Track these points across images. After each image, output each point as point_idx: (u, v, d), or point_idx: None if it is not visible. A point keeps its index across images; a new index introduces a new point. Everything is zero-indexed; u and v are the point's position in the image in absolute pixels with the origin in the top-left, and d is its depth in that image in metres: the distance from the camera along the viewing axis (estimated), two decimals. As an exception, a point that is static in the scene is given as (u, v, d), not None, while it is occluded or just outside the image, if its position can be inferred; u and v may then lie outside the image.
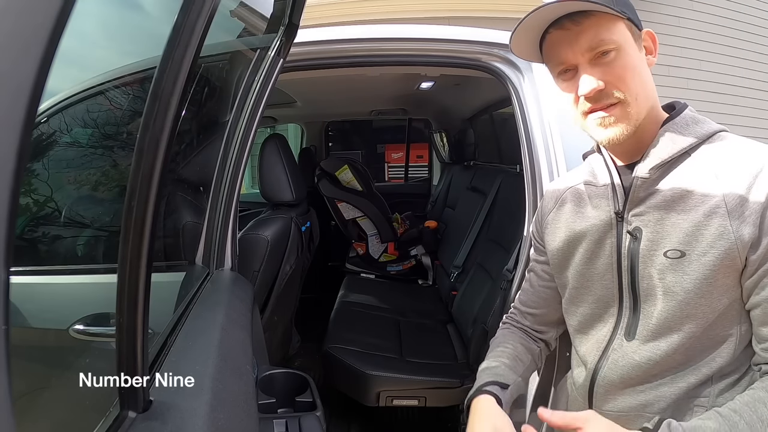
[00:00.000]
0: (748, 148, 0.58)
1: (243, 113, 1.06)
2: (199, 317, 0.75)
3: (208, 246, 1.04)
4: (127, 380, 0.44)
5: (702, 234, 0.56)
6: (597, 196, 0.68)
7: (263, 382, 0.89)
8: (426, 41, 1.24)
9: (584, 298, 0.70)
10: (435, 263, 2.63)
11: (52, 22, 0.22)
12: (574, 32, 0.58)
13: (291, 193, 1.54)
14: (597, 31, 0.57)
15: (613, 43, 0.57)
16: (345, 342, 1.66)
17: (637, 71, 0.59)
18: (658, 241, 0.60)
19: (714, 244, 0.56)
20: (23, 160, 0.21)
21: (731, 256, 0.55)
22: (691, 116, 0.62)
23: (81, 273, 0.99)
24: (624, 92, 0.58)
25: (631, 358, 0.63)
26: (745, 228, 0.54)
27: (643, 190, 0.62)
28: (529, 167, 1.14)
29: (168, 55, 0.41)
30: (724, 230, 0.55)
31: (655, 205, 0.61)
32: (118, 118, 1.02)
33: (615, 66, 0.58)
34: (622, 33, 0.58)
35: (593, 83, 0.58)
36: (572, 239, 0.70)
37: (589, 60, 0.59)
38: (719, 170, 0.57)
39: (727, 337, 0.59)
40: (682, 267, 0.58)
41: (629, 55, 0.58)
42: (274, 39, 1.02)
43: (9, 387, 0.23)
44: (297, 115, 3.11)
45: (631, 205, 0.63)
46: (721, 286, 0.57)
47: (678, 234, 0.58)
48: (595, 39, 0.57)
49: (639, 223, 0.62)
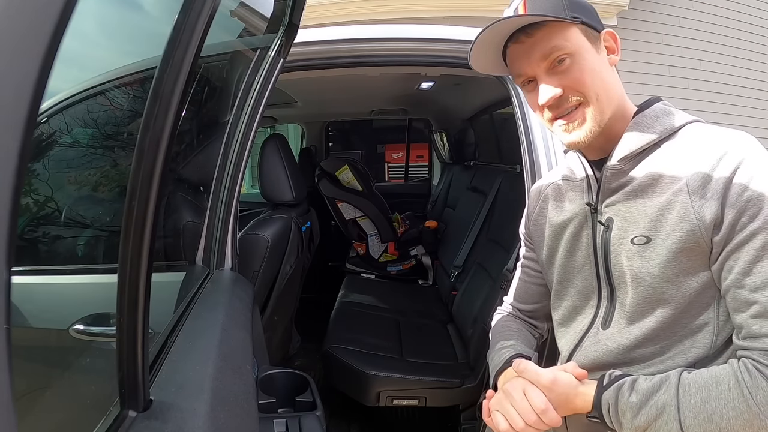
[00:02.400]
0: (716, 135, 0.57)
1: (243, 113, 1.06)
2: (200, 317, 0.75)
3: (209, 246, 1.04)
4: (127, 380, 0.44)
5: (666, 218, 0.56)
6: (573, 189, 0.70)
7: (263, 382, 0.89)
8: (426, 41, 1.24)
9: (567, 291, 0.71)
10: (435, 263, 2.63)
11: (53, 21, 0.22)
12: (528, 44, 0.60)
13: (291, 193, 1.54)
14: (549, 40, 0.59)
15: (566, 49, 0.59)
16: (345, 342, 1.66)
17: (596, 72, 0.60)
18: (626, 228, 0.61)
19: (676, 227, 0.55)
20: (24, 160, 0.21)
21: (694, 237, 0.54)
22: (661, 108, 0.62)
23: (81, 273, 0.99)
24: (584, 95, 0.59)
25: (604, 344, 0.64)
26: (707, 208, 0.53)
27: (613, 181, 0.63)
28: (529, 167, 1.14)
29: (168, 55, 0.41)
30: (686, 211, 0.55)
31: (624, 195, 0.61)
32: (119, 118, 1.03)
33: (572, 71, 0.59)
34: (575, 38, 0.59)
35: (550, 92, 0.59)
36: (554, 235, 0.72)
37: (546, 70, 0.60)
38: (686, 157, 0.57)
39: (703, 326, 0.58)
40: (648, 252, 0.58)
41: (585, 59, 0.59)
42: (274, 39, 1.02)
43: (10, 386, 0.23)
44: (297, 115, 3.11)
45: (603, 197, 0.64)
46: (686, 269, 0.56)
47: (644, 220, 0.59)
48: (547, 48, 0.59)
49: (611, 213, 0.63)
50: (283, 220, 1.50)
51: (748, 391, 0.50)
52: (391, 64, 1.30)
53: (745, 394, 0.50)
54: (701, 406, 0.52)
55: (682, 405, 0.53)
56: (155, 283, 0.45)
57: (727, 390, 0.51)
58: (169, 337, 0.65)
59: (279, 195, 1.55)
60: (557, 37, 0.59)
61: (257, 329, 1.07)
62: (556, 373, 0.62)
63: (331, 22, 3.28)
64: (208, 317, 0.75)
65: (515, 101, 1.19)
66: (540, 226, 0.76)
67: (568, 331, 0.72)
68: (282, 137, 1.66)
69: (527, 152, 1.15)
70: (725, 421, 0.50)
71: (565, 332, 0.73)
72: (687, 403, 0.53)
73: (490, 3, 3.65)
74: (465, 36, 1.22)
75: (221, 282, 1.00)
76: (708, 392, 0.52)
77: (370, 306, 2.12)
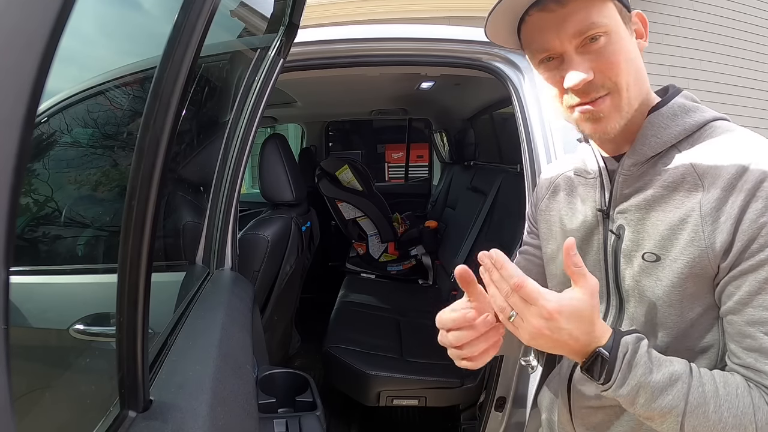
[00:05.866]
0: (738, 144, 0.52)
1: (243, 113, 1.06)
2: (200, 317, 0.75)
3: (209, 246, 1.04)
4: (127, 380, 0.44)
5: (677, 238, 0.52)
6: (585, 186, 0.65)
7: (263, 382, 0.89)
8: (426, 41, 1.24)
9: None
10: (435, 263, 2.63)
11: (52, 21, 0.22)
12: (559, 15, 0.52)
13: (291, 193, 1.54)
14: (586, 13, 0.51)
15: (603, 26, 0.51)
16: (345, 342, 1.66)
17: (630, 57, 0.53)
18: (639, 242, 0.56)
19: (684, 250, 0.51)
20: (24, 160, 0.21)
21: (702, 264, 0.50)
22: (680, 105, 0.56)
23: (81, 273, 0.99)
24: (615, 82, 0.52)
25: None
26: (719, 234, 0.48)
27: (626, 187, 0.58)
28: (529, 167, 1.14)
29: (168, 54, 0.41)
30: (696, 235, 0.50)
31: (637, 204, 0.57)
32: (119, 118, 1.02)
33: (606, 53, 0.52)
34: (612, 15, 0.52)
35: (582, 74, 0.52)
36: (563, 233, 0.68)
37: (576, 47, 0.52)
38: (703, 169, 0.52)
39: (708, 348, 0.54)
40: (656, 272, 0.54)
41: (621, 39, 0.52)
42: (274, 39, 1.02)
43: (9, 387, 0.23)
44: (297, 115, 3.11)
45: (616, 202, 0.59)
46: (690, 295, 0.52)
47: (656, 237, 0.54)
48: (585, 23, 0.51)
49: (622, 221, 0.58)
50: (283, 220, 1.50)
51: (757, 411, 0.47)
52: (391, 64, 1.30)
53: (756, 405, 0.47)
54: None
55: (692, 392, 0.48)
56: (155, 283, 0.45)
57: (741, 398, 0.48)
58: (169, 337, 0.65)
59: (279, 195, 1.55)
60: (595, 10, 0.51)
61: (257, 329, 1.07)
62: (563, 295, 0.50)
63: (331, 22, 3.28)
64: (208, 317, 0.75)
65: (515, 101, 1.19)
66: (548, 218, 0.71)
67: None
68: (282, 137, 1.66)
69: (527, 152, 1.15)
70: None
71: None
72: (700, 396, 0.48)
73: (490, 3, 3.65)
74: (465, 36, 1.22)
75: (221, 282, 1.00)
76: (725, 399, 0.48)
77: (370, 306, 2.12)
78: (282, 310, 1.68)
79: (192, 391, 0.52)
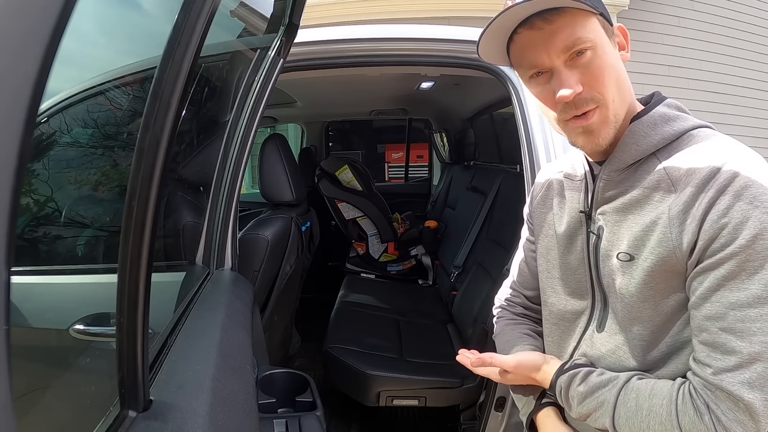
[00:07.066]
0: (713, 149, 0.54)
1: (243, 113, 1.06)
2: (200, 317, 0.75)
3: (208, 246, 1.04)
4: (127, 380, 0.44)
5: (648, 238, 0.55)
6: (572, 189, 0.69)
7: (263, 382, 0.89)
8: (426, 41, 1.24)
9: (561, 290, 0.71)
10: (435, 263, 2.63)
11: (52, 21, 0.22)
12: (546, 32, 0.55)
13: (291, 193, 1.54)
14: (572, 29, 0.54)
15: (589, 41, 0.54)
16: (345, 342, 1.66)
17: (615, 69, 0.56)
18: (615, 242, 0.60)
19: (654, 251, 0.54)
20: (24, 160, 0.21)
21: (670, 262, 0.54)
22: (660, 114, 0.59)
23: (81, 273, 0.99)
24: (603, 94, 0.55)
25: (598, 349, 0.64)
26: (686, 235, 0.52)
27: (606, 191, 0.61)
28: (529, 167, 1.14)
29: (168, 54, 0.41)
30: (664, 237, 0.54)
31: (615, 207, 0.60)
32: (119, 118, 1.03)
33: (592, 66, 0.55)
34: (596, 29, 0.55)
35: (573, 88, 0.54)
36: (552, 232, 0.72)
37: (565, 61, 0.55)
38: (677, 174, 0.54)
39: (687, 342, 0.56)
40: (630, 271, 0.57)
41: (605, 53, 0.55)
42: (274, 39, 1.02)
43: (10, 386, 0.23)
44: (297, 115, 3.11)
45: (597, 205, 0.63)
46: (662, 289, 0.56)
47: (630, 238, 0.57)
48: (571, 38, 0.54)
49: (602, 222, 0.62)
50: (283, 220, 1.50)
51: (676, 413, 0.52)
52: (391, 64, 1.30)
53: (672, 414, 0.52)
54: (634, 411, 0.55)
55: (618, 405, 0.57)
56: (155, 283, 0.45)
57: (659, 405, 0.54)
58: (169, 337, 0.65)
59: (279, 195, 1.55)
60: (580, 26, 0.54)
61: (257, 329, 1.07)
62: (519, 357, 0.70)
63: (331, 22, 3.28)
64: (208, 317, 0.75)
65: (515, 101, 1.19)
66: (541, 215, 0.75)
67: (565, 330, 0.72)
68: (282, 137, 1.66)
69: (527, 152, 1.15)
70: (649, 431, 0.54)
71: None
72: (623, 405, 0.56)
73: (491, 3, 3.65)
74: (465, 36, 1.22)
75: (221, 282, 1.00)
76: (643, 401, 0.55)
77: (370, 306, 2.12)
78: (282, 310, 1.68)
79: (192, 391, 0.52)
